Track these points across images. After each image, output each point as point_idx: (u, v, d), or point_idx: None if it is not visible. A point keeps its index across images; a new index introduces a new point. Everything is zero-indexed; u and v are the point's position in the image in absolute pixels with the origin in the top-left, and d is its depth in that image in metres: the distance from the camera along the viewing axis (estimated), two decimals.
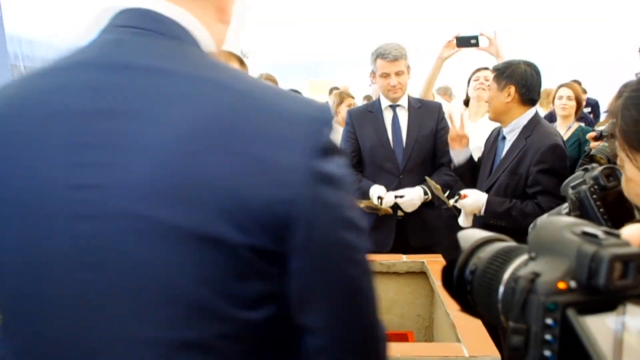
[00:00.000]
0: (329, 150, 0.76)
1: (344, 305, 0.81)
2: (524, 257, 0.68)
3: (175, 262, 0.72)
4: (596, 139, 2.78)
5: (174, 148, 0.72)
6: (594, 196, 1.46)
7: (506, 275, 0.68)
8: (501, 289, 0.67)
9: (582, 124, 4.54)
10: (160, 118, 0.74)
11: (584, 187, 1.49)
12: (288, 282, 0.77)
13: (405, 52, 3.26)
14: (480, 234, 0.79)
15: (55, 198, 0.75)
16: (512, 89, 2.83)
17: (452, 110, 3.92)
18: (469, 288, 0.74)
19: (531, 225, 1.21)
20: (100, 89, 0.76)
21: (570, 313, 0.56)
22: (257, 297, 0.76)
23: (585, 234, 0.60)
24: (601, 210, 1.45)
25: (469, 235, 0.79)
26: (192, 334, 0.74)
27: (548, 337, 0.58)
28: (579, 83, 7.70)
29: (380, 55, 3.26)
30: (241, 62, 2.07)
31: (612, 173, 1.46)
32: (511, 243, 0.75)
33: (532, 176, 2.76)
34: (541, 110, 7.99)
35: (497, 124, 3.10)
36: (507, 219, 2.74)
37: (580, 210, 1.48)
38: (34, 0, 4.65)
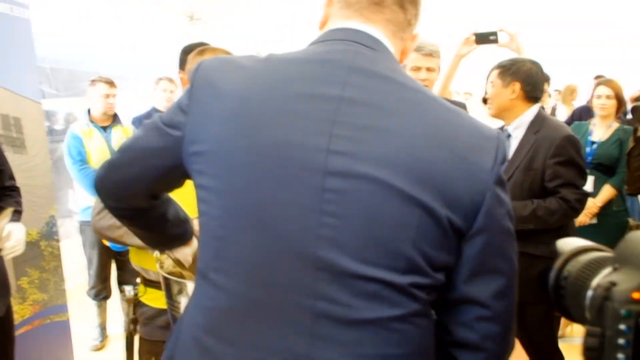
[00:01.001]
0: (504, 159, 1.04)
1: (503, 282, 1.06)
2: (610, 268, 0.76)
3: (401, 221, 0.97)
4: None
5: (411, 137, 0.99)
6: None
7: (594, 283, 0.76)
8: (589, 293, 0.76)
9: (624, 125, 4.22)
10: (394, 113, 1.00)
11: None
12: (463, 255, 1.03)
13: (439, 51, 3.24)
14: (578, 242, 0.91)
15: (308, 156, 0.99)
16: (517, 85, 2.84)
17: (471, 109, 3.89)
18: (563, 293, 0.85)
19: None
20: (348, 83, 1.02)
21: None
22: (441, 264, 1.02)
23: None
24: None
25: (566, 244, 0.92)
26: (397, 279, 0.98)
27: (621, 341, 0.64)
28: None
29: (415, 48, 3.19)
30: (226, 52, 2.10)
31: None
32: (605, 253, 0.85)
33: (551, 170, 2.70)
34: (563, 107, 7.98)
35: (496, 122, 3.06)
36: (534, 220, 2.67)
37: None
38: (60, 7, 4.80)
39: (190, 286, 1.55)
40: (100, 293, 4.21)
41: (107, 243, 4.01)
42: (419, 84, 1.09)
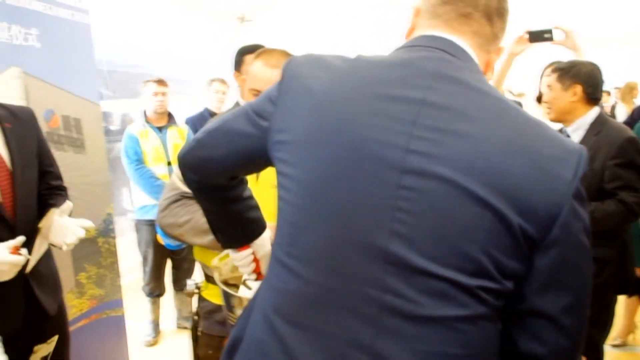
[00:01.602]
0: (585, 175, 1.03)
1: (575, 298, 1.05)
2: None
3: (472, 223, 0.99)
4: None
5: (489, 143, 1.00)
6: None
7: None
8: None
9: None
10: (474, 119, 1.02)
11: None
12: (535, 266, 1.02)
13: None
14: None
15: (387, 153, 1.02)
16: (579, 88, 2.80)
17: (525, 108, 3.79)
18: None
19: None
20: (431, 87, 1.05)
21: None
22: (511, 272, 1.02)
23: None
24: None
25: None
26: (464, 280, 0.99)
27: None
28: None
29: None
30: (288, 56, 2.12)
31: None
32: None
33: (610, 171, 2.66)
34: (622, 105, 7.76)
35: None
36: (591, 222, 2.60)
37: None
38: (116, 11, 4.94)
39: (246, 299, 1.56)
40: (155, 290, 4.31)
41: (162, 242, 4.11)
42: (502, 95, 1.11)
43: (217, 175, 1.38)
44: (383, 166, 1.02)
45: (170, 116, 4.30)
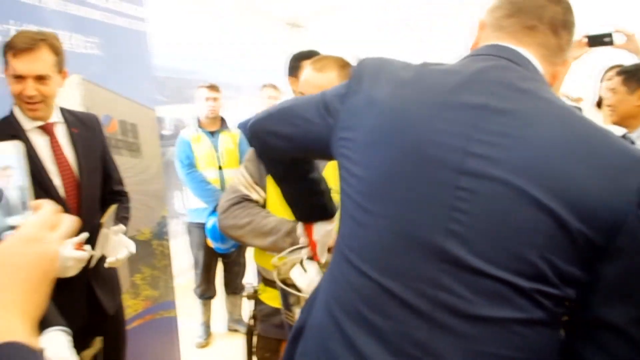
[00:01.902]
0: None
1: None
2: None
3: (530, 226, 0.99)
4: None
5: (552, 149, 1.01)
6: None
7: None
8: None
9: None
10: (536, 125, 1.03)
11: None
12: (600, 275, 1.00)
13: None
14: None
15: (446, 155, 1.05)
16: None
17: (584, 114, 3.68)
18: None
19: None
20: (494, 93, 1.07)
21: None
22: (570, 278, 1.01)
23: None
24: None
25: None
26: (521, 282, 1.00)
27: None
28: None
29: None
30: (342, 62, 2.13)
31: None
32: None
33: None
34: None
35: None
36: None
37: None
38: (169, 18, 5.03)
39: (304, 298, 1.59)
40: (206, 292, 4.37)
41: (211, 245, 4.17)
42: (566, 103, 1.12)
43: (278, 151, 1.43)
44: (441, 167, 1.05)
45: (222, 121, 4.36)
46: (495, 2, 1.24)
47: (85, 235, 2.05)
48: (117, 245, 2.27)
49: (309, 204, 1.62)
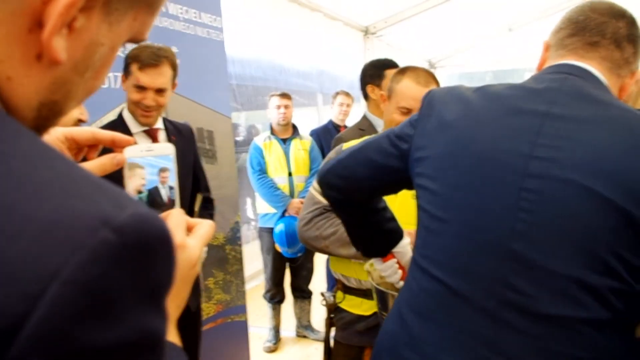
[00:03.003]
0: None
1: None
2: None
3: (597, 223, 1.03)
4: None
5: (615, 148, 1.05)
6: None
7: None
8: None
9: None
10: (598, 127, 1.08)
11: None
12: None
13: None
14: None
15: (512, 160, 1.11)
16: None
17: None
18: None
19: None
20: (555, 102, 1.14)
21: None
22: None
23: None
24: None
25: None
26: (590, 279, 1.03)
27: None
28: None
29: None
30: (429, 73, 2.17)
31: None
32: None
33: None
34: None
35: None
36: None
37: None
38: (245, 27, 5.13)
39: None
40: (275, 297, 4.41)
41: (279, 249, 4.21)
42: (629, 105, 1.17)
43: (356, 193, 1.48)
44: (507, 172, 1.11)
45: (294, 128, 4.41)
46: (559, 24, 1.29)
47: None
48: None
49: (386, 232, 1.66)
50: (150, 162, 0.79)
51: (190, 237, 0.73)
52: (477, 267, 1.12)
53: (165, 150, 0.81)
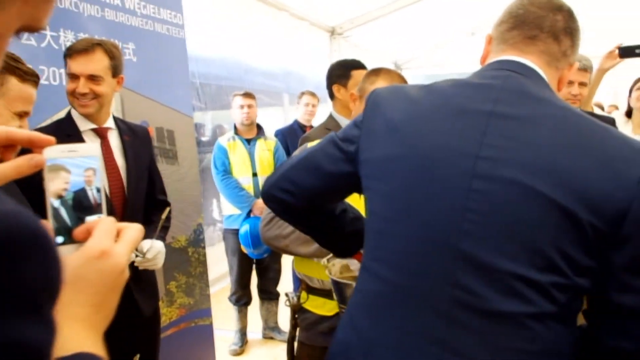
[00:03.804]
0: None
1: None
2: None
3: (541, 221, 1.06)
4: None
5: (555, 147, 1.08)
6: None
7: None
8: None
9: None
10: (540, 125, 1.11)
11: None
12: (613, 263, 1.06)
13: (592, 66, 3.14)
14: None
15: (460, 161, 1.12)
16: None
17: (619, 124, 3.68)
18: None
19: None
20: (499, 100, 1.15)
21: None
22: (582, 268, 1.07)
23: None
24: None
25: None
26: (535, 275, 1.06)
27: None
28: None
29: None
30: (402, 77, 2.18)
31: None
32: None
33: None
34: None
35: None
36: None
37: None
38: (209, 24, 5.06)
39: None
40: (241, 299, 4.35)
41: (245, 250, 4.16)
42: (567, 103, 1.20)
43: (306, 204, 1.44)
44: (455, 173, 1.12)
45: (259, 128, 4.36)
46: (501, 17, 1.32)
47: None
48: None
49: (351, 233, 1.60)
50: (74, 164, 0.73)
51: (117, 242, 0.70)
52: (428, 267, 1.13)
53: (91, 151, 0.76)
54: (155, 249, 2.30)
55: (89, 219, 0.73)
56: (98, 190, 0.75)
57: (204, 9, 4.86)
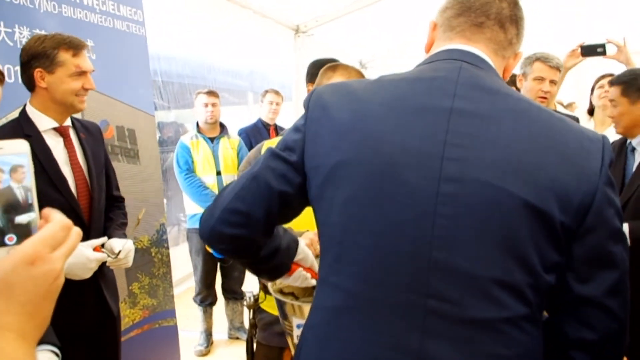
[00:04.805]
0: (611, 161, 1.10)
1: (616, 279, 1.09)
2: None
3: (512, 221, 1.03)
4: None
5: (519, 143, 1.06)
6: None
7: None
8: None
9: None
10: (501, 121, 1.08)
11: None
12: (574, 256, 1.07)
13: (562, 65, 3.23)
14: None
15: (425, 163, 1.07)
16: None
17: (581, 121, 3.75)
18: None
19: None
20: (457, 95, 1.11)
21: None
22: (552, 264, 1.07)
23: None
24: None
25: None
26: (510, 277, 1.04)
27: None
28: None
29: (542, 58, 3.18)
30: (361, 74, 2.15)
31: None
32: None
33: None
34: None
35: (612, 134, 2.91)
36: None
37: None
38: (171, 22, 5.00)
39: (304, 308, 1.57)
40: (206, 299, 4.31)
41: (210, 250, 4.12)
42: (523, 95, 1.17)
43: (260, 234, 1.28)
44: (421, 175, 1.07)
45: (222, 127, 4.33)
46: (445, 3, 1.27)
47: (104, 238, 2.20)
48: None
49: (281, 254, 1.47)
50: (0, 161, 0.70)
51: (55, 249, 0.66)
52: (398, 278, 1.07)
53: (19, 148, 0.72)
54: (127, 248, 2.29)
55: (19, 219, 0.70)
56: (27, 189, 0.72)
57: (164, 6, 4.79)
